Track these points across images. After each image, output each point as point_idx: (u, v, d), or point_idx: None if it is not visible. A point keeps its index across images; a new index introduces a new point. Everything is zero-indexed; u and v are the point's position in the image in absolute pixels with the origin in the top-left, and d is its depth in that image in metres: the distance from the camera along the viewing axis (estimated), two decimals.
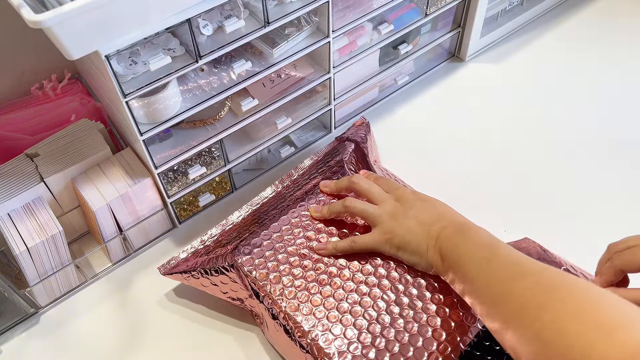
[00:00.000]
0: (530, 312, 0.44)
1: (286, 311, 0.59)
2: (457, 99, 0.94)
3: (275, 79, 0.75)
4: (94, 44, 0.53)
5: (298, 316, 0.58)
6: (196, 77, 0.70)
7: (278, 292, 0.60)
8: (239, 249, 0.63)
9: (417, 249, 0.58)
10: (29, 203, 0.68)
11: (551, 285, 0.45)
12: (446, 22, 0.93)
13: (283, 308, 0.59)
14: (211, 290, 0.67)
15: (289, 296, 0.60)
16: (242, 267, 0.62)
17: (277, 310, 0.59)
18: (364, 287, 0.60)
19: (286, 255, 0.63)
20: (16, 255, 0.64)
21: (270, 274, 0.61)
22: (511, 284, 0.47)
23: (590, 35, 1.02)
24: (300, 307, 0.59)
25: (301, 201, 0.67)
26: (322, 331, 0.57)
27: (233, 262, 0.62)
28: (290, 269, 0.62)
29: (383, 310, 0.58)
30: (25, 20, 0.47)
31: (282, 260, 0.62)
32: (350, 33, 0.78)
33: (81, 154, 0.70)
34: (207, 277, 0.65)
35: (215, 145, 0.74)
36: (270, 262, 0.62)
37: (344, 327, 0.57)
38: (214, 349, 0.67)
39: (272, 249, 0.63)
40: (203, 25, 0.63)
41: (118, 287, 0.73)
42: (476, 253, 0.52)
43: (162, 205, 0.75)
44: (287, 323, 0.58)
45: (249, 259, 0.62)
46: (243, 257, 0.62)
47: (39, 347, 0.68)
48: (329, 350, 0.56)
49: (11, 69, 0.76)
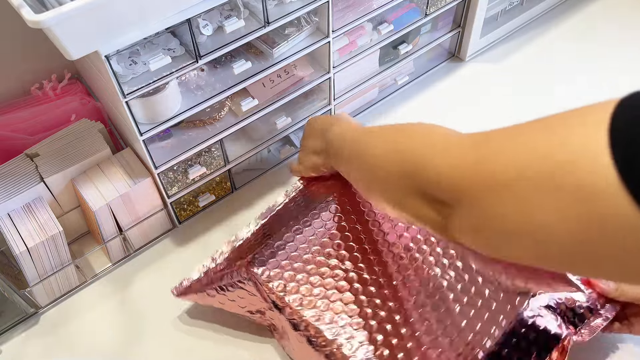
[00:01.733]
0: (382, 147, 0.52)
1: (308, 320, 0.58)
2: (457, 99, 0.94)
3: (275, 79, 0.75)
4: (94, 44, 0.53)
5: (320, 325, 0.57)
6: (196, 77, 0.70)
7: (298, 301, 0.59)
8: (254, 260, 0.62)
9: (313, 149, 0.68)
10: (29, 203, 0.68)
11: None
12: (446, 22, 0.93)
13: (304, 317, 0.58)
14: (229, 306, 0.66)
15: (309, 305, 0.59)
16: (259, 279, 0.60)
17: (298, 320, 0.58)
18: (387, 291, 0.59)
19: (302, 264, 0.62)
20: (16, 255, 0.64)
21: (288, 283, 0.60)
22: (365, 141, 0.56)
23: (590, 35, 1.02)
24: (322, 315, 0.58)
25: (313, 209, 0.66)
26: (347, 339, 0.56)
27: (249, 274, 0.61)
28: (307, 278, 0.61)
29: (407, 315, 0.58)
30: (25, 20, 0.47)
31: (299, 269, 0.61)
32: (350, 33, 0.78)
33: (81, 154, 0.70)
34: (223, 294, 0.64)
35: (215, 145, 0.74)
36: (287, 272, 0.61)
37: (368, 333, 0.57)
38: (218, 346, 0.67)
39: (288, 258, 0.62)
40: (203, 25, 0.63)
41: (118, 287, 0.73)
42: (341, 141, 0.62)
43: (162, 205, 0.75)
44: (309, 333, 0.57)
45: (265, 270, 0.61)
46: (259, 268, 0.61)
47: (39, 347, 0.68)
48: (355, 359, 0.55)
49: (11, 68, 0.76)
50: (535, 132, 0.37)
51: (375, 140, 0.53)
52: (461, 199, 0.40)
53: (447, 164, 0.42)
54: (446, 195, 0.42)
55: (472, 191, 0.39)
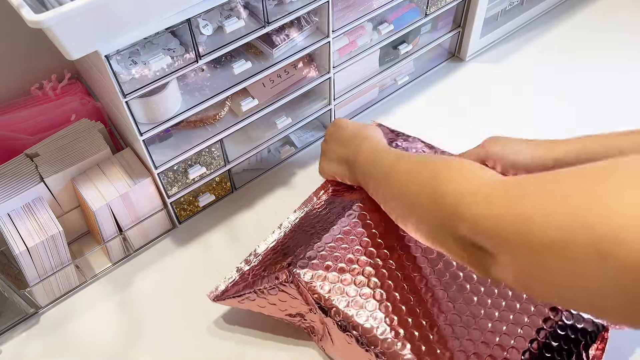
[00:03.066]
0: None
1: (356, 321, 0.57)
2: (457, 99, 0.94)
3: (275, 79, 0.75)
4: (94, 44, 0.53)
5: (368, 325, 0.57)
6: (196, 77, 0.70)
7: (344, 302, 0.58)
8: (294, 262, 0.60)
9: (339, 169, 0.69)
10: (29, 203, 0.68)
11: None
12: (446, 22, 0.93)
13: (352, 318, 0.58)
14: (268, 310, 0.65)
15: (355, 305, 0.58)
16: (301, 281, 0.59)
17: (346, 321, 0.58)
18: (438, 290, 0.60)
19: (345, 265, 0.61)
20: (16, 255, 0.64)
21: (333, 285, 0.59)
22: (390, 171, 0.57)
23: (590, 35, 1.02)
24: (370, 315, 0.58)
25: (349, 210, 0.65)
26: (394, 338, 0.57)
27: (291, 277, 0.60)
28: (352, 278, 0.60)
29: (454, 311, 0.58)
30: (25, 20, 0.47)
31: (342, 269, 0.60)
32: (350, 33, 0.78)
33: (81, 154, 0.70)
34: (264, 297, 0.63)
35: (215, 145, 0.74)
36: (331, 273, 0.60)
37: (417, 331, 0.57)
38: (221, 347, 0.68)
39: (330, 259, 0.61)
40: (203, 25, 0.63)
41: (118, 287, 0.73)
42: (367, 163, 0.63)
43: (162, 205, 0.75)
44: (358, 333, 0.57)
45: (308, 271, 0.60)
46: (301, 271, 0.60)
47: (39, 347, 0.68)
48: (408, 356, 0.55)
49: (11, 68, 0.76)
50: (575, 189, 0.35)
51: (408, 176, 0.53)
52: (500, 250, 0.40)
53: (484, 214, 0.41)
54: (484, 243, 0.41)
55: (511, 246, 0.38)
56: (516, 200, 0.39)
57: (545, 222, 0.36)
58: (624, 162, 0.34)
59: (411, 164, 0.55)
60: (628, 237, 0.31)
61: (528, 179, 0.40)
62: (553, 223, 0.35)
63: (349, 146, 0.67)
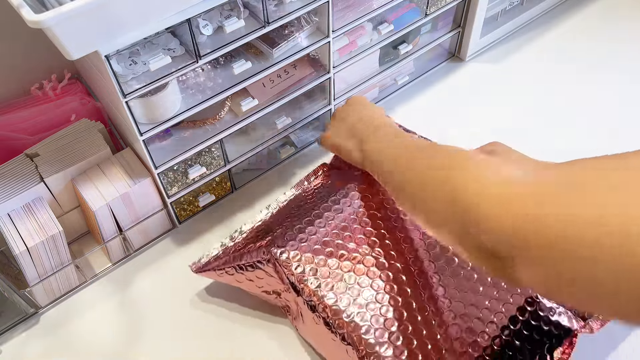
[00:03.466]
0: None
1: (325, 302, 0.59)
2: (457, 99, 0.94)
3: (275, 79, 0.75)
4: (94, 44, 0.53)
5: (337, 307, 0.59)
6: (196, 77, 0.70)
7: (316, 283, 0.60)
8: (274, 242, 0.63)
9: (350, 150, 0.68)
10: (29, 203, 0.68)
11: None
12: (446, 22, 0.93)
13: (322, 299, 0.59)
14: (246, 285, 0.67)
15: (327, 287, 0.60)
16: (278, 260, 0.62)
17: (316, 301, 0.59)
18: (403, 276, 0.60)
19: (321, 247, 0.63)
20: (16, 255, 0.64)
21: (307, 265, 0.62)
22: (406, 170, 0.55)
23: (590, 35, 1.02)
24: (339, 298, 0.59)
25: (336, 196, 0.67)
26: (362, 321, 0.57)
27: (269, 255, 0.62)
28: (326, 260, 0.62)
29: (424, 298, 0.59)
30: (25, 20, 0.47)
31: (318, 251, 0.62)
32: (350, 33, 0.78)
33: (81, 154, 0.70)
34: (241, 273, 0.65)
35: (215, 145, 0.74)
36: (306, 254, 0.62)
37: (383, 317, 0.58)
38: (221, 345, 0.68)
39: (307, 240, 0.63)
40: (203, 25, 0.63)
41: (118, 287, 0.73)
42: (382, 150, 0.62)
43: (162, 205, 0.75)
44: (326, 315, 0.59)
45: (285, 252, 0.62)
46: (278, 250, 0.62)
47: (39, 347, 0.68)
48: (371, 341, 0.56)
49: (11, 68, 0.76)
50: (602, 195, 0.34)
51: (421, 163, 0.52)
52: (522, 255, 0.37)
53: (503, 216, 0.39)
54: (502, 247, 0.39)
55: (536, 251, 0.36)
56: (540, 202, 0.37)
57: (573, 232, 0.33)
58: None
59: (425, 161, 0.52)
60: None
61: (551, 177, 0.37)
62: (579, 232, 0.33)
63: (365, 123, 0.67)
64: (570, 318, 0.59)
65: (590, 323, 0.59)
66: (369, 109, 0.71)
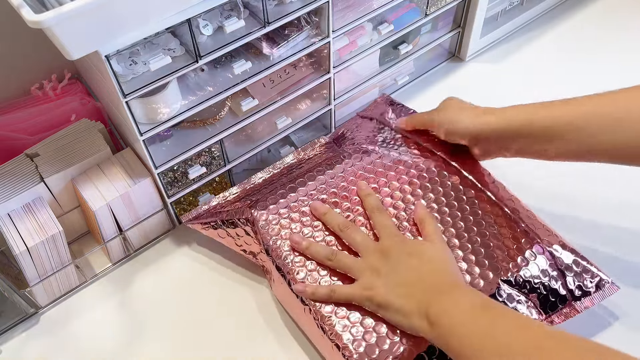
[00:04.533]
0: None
1: (290, 266, 0.62)
2: None
3: (275, 79, 0.75)
4: (94, 44, 0.53)
5: (301, 272, 0.62)
6: (196, 77, 0.70)
7: (287, 248, 0.64)
8: (256, 204, 0.67)
9: (400, 310, 0.55)
10: (29, 203, 0.68)
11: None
12: (446, 22, 0.93)
13: (287, 262, 0.63)
14: (227, 242, 0.71)
15: (296, 253, 0.63)
16: (256, 222, 0.65)
17: (281, 264, 0.63)
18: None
19: (299, 215, 0.66)
20: (16, 255, 0.64)
21: (282, 230, 0.65)
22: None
23: (590, 35, 1.02)
24: (305, 264, 0.62)
25: (318, 167, 0.71)
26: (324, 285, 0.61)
27: (249, 216, 0.66)
28: (301, 228, 0.65)
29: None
30: (25, 20, 0.47)
31: (295, 219, 0.66)
32: (350, 33, 0.78)
33: (81, 154, 0.70)
34: (224, 229, 0.69)
35: (215, 145, 0.74)
36: (284, 219, 0.66)
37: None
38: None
39: (287, 207, 0.67)
40: (203, 25, 0.63)
41: (118, 287, 0.73)
42: (467, 326, 0.49)
43: (162, 205, 0.75)
44: (291, 277, 0.62)
45: (264, 214, 0.66)
46: (258, 212, 0.66)
47: (39, 347, 0.68)
48: (327, 308, 0.59)
49: (11, 68, 0.76)
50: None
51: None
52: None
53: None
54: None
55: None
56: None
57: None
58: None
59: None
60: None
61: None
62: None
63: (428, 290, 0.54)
64: (529, 308, 0.59)
65: (553, 317, 0.60)
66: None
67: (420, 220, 0.64)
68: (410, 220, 0.65)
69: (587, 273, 0.61)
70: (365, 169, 0.70)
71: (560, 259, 0.62)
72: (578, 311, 0.60)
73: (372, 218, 0.64)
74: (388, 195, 0.68)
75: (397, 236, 0.61)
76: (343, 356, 0.56)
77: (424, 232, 0.62)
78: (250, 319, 0.69)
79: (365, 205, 0.66)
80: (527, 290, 0.60)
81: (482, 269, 0.61)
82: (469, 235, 0.64)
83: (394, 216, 0.66)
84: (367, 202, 0.66)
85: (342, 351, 0.57)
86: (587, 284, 0.61)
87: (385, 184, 0.69)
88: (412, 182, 0.68)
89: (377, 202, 0.65)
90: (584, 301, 0.61)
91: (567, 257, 0.62)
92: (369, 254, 0.60)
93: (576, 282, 0.61)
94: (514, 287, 0.60)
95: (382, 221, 0.63)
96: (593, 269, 0.62)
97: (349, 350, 0.56)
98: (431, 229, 0.62)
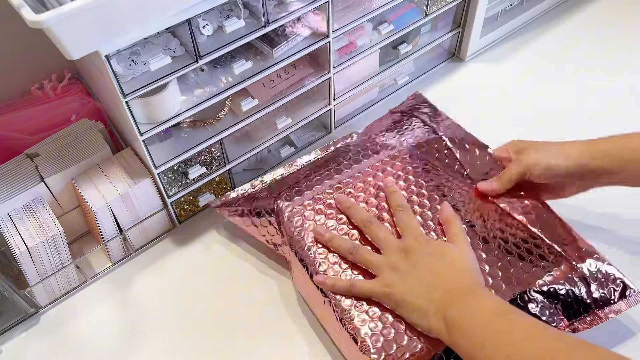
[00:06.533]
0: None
1: (313, 258, 0.63)
2: (457, 99, 0.94)
3: (275, 79, 0.75)
4: (94, 44, 0.53)
5: (323, 264, 0.62)
6: (196, 77, 0.70)
7: (310, 239, 0.64)
8: (281, 195, 0.68)
9: (417, 310, 0.55)
10: (29, 203, 0.68)
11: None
12: (446, 22, 0.93)
13: (310, 254, 0.63)
14: (251, 230, 0.72)
15: (319, 245, 0.63)
16: (282, 213, 0.66)
17: (304, 255, 0.63)
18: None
19: (323, 207, 0.66)
20: (16, 255, 0.64)
21: (306, 222, 0.65)
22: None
23: (590, 35, 1.02)
24: (328, 256, 0.63)
25: (346, 160, 0.71)
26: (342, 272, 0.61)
27: (274, 206, 0.67)
28: (325, 220, 0.65)
29: None
30: (25, 20, 0.47)
31: (319, 211, 0.66)
32: (350, 33, 0.78)
33: (81, 154, 0.70)
34: (249, 217, 0.70)
35: (215, 145, 0.74)
36: (308, 211, 0.66)
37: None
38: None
39: (312, 199, 0.67)
40: (203, 25, 0.63)
41: (118, 287, 0.73)
42: (482, 331, 0.49)
43: (162, 205, 0.75)
44: (313, 268, 0.62)
45: (289, 206, 0.67)
46: (283, 204, 0.67)
47: (39, 347, 0.68)
48: (347, 301, 0.59)
49: (11, 68, 0.76)
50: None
51: None
52: None
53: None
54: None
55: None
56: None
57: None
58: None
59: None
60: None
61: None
62: None
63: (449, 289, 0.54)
64: (552, 313, 0.58)
65: (576, 324, 0.59)
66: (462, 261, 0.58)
67: (446, 221, 0.63)
68: (435, 219, 0.64)
69: (612, 282, 0.60)
70: (393, 166, 0.70)
71: (585, 267, 0.60)
72: (602, 319, 0.59)
73: (396, 216, 0.64)
74: (414, 194, 0.67)
75: (420, 235, 0.61)
76: (360, 350, 0.56)
77: (449, 233, 0.61)
78: (250, 319, 0.69)
79: (390, 202, 0.66)
80: (550, 297, 0.59)
81: (505, 273, 0.60)
82: (493, 239, 0.62)
83: (419, 214, 0.65)
84: (392, 199, 0.66)
85: (359, 345, 0.56)
86: (611, 292, 0.59)
87: (412, 182, 0.68)
88: (440, 184, 0.68)
89: (402, 200, 0.65)
90: (608, 310, 0.59)
91: (592, 265, 0.60)
92: (391, 251, 0.60)
93: (600, 290, 0.59)
94: (537, 293, 0.59)
95: (406, 219, 0.63)
96: (618, 275, 0.60)
97: (366, 344, 0.56)
98: (456, 230, 0.61)
